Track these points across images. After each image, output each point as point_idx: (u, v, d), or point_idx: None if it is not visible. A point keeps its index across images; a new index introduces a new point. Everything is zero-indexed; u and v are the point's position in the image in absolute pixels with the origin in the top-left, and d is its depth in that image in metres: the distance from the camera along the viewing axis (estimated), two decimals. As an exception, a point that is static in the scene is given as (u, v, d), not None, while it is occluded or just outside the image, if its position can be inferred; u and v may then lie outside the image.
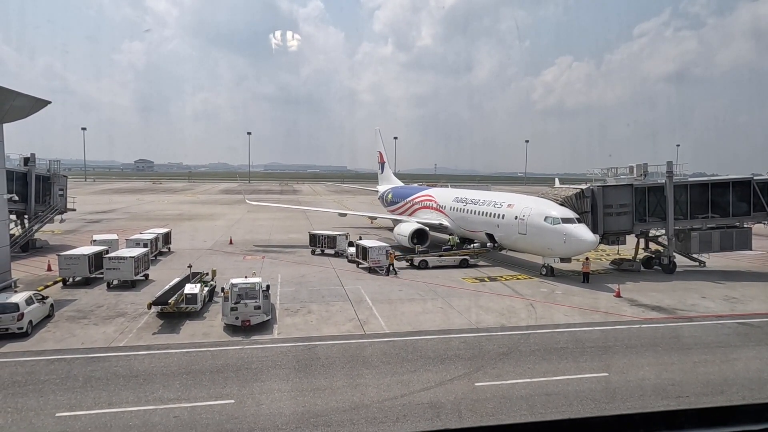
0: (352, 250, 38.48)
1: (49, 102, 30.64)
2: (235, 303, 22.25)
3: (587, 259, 34.31)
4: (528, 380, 17.74)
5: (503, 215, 36.88)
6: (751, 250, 37.73)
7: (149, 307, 23.89)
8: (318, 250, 41.74)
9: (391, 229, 49.28)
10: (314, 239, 42.10)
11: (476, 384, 17.35)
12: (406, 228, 42.78)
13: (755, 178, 37.01)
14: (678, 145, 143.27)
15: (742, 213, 36.57)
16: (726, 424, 1.76)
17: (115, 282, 29.74)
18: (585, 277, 32.81)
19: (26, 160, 41.84)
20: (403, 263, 37.02)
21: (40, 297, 23.70)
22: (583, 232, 32.00)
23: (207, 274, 29.39)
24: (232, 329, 22.27)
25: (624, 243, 37.71)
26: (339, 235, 41.44)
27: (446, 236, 46.33)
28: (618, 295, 29.24)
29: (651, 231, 37.93)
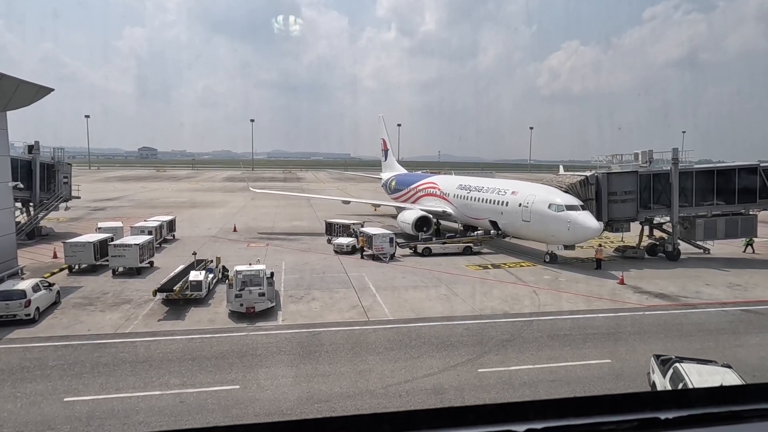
0: (343, 240, 37.48)
1: (52, 89, 30.59)
2: (240, 290, 22.39)
3: (600, 245, 34.34)
4: (531, 366, 17.85)
5: (507, 202, 36.80)
6: (756, 237, 37.58)
7: (154, 293, 24.06)
8: (334, 239, 41.55)
9: (394, 217, 49.30)
10: (330, 227, 41.95)
11: (479, 370, 17.46)
12: (410, 215, 42.76)
13: (761, 164, 36.71)
14: (684, 132, 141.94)
15: (748, 200, 36.36)
16: (735, 403, 1.76)
17: (121, 269, 29.93)
18: (597, 264, 32.88)
19: (30, 148, 41.91)
20: (407, 250, 37.08)
21: (47, 284, 23.90)
22: (587, 219, 31.93)
23: (212, 261, 29.53)
24: (236, 316, 22.43)
25: (628, 230, 37.60)
26: (354, 224, 40.92)
27: (452, 224, 46.34)
28: (622, 283, 29.24)
29: (655, 218, 37.82)
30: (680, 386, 13.31)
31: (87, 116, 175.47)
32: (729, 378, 13.72)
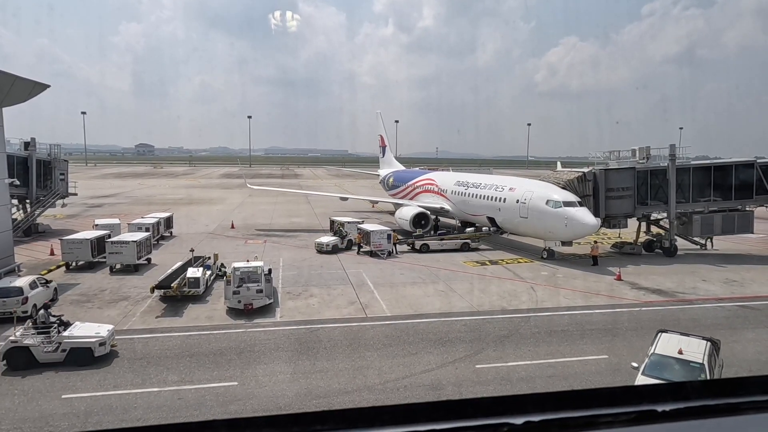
0: (323, 239, 36.38)
1: (48, 86, 30.51)
2: (238, 287, 22.38)
3: (595, 242, 34.45)
4: (528, 362, 17.90)
5: (505, 199, 36.84)
6: (752, 233, 37.68)
7: (152, 290, 24.06)
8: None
9: (392, 213, 49.33)
10: (332, 225, 41.83)
11: (477, 366, 17.51)
12: (408, 212, 42.81)
13: (758, 160, 36.79)
14: (681, 128, 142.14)
15: (745, 196, 36.44)
16: (732, 395, 1.77)
17: (118, 266, 29.88)
18: (594, 260, 32.96)
19: (26, 145, 41.76)
20: (405, 247, 37.10)
21: (44, 281, 23.85)
22: (584, 215, 31.99)
23: (209, 258, 29.51)
24: (234, 313, 22.42)
25: (625, 226, 37.70)
26: (350, 221, 39.96)
27: (450, 220, 46.39)
28: (619, 279, 29.32)
29: (653, 214, 37.90)
30: (650, 350, 14.97)
31: (83, 113, 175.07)
32: (693, 347, 14.71)
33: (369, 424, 1.66)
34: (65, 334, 17.42)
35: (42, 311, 18.49)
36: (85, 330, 17.88)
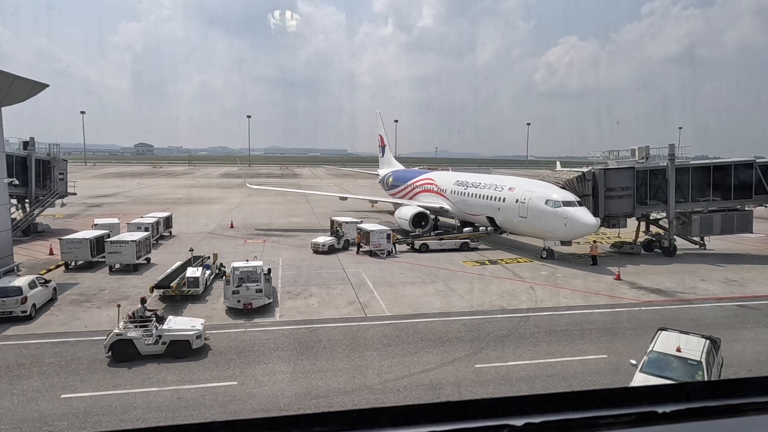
0: (319, 240, 36.27)
1: (47, 85, 30.48)
2: (237, 286, 22.37)
3: (595, 242, 34.49)
4: (528, 362, 17.91)
5: (504, 198, 36.84)
6: (752, 233, 37.70)
7: (151, 290, 24.06)
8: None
9: (392, 213, 49.34)
10: (332, 225, 41.68)
11: (476, 365, 17.51)
12: (407, 212, 42.81)
13: (758, 160, 36.81)
14: (680, 128, 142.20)
15: (744, 196, 36.46)
16: (733, 396, 1.77)
17: (117, 266, 29.86)
18: (593, 260, 32.96)
19: (25, 144, 41.73)
20: (404, 246, 37.09)
21: (43, 281, 23.82)
22: (583, 215, 32.00)
23: (209, 257, 29.49)
24: (234, 312, 22.41)
25: (625, 226, 37.72)
26: (348, 221, 39.56)
27: (449, 220, 46.39)
28: (618, 278, 29.34)
29: (652, 214, 37.92)
30: (649, 348, 15.23)
31: (83, 112, 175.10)
32: (692, 345, 14.84)
33: (368, 426, 1.65)
34: (164, 327, 17.98)
35: (139, 306, 19.12)
36: (181, 323, 18.60)
